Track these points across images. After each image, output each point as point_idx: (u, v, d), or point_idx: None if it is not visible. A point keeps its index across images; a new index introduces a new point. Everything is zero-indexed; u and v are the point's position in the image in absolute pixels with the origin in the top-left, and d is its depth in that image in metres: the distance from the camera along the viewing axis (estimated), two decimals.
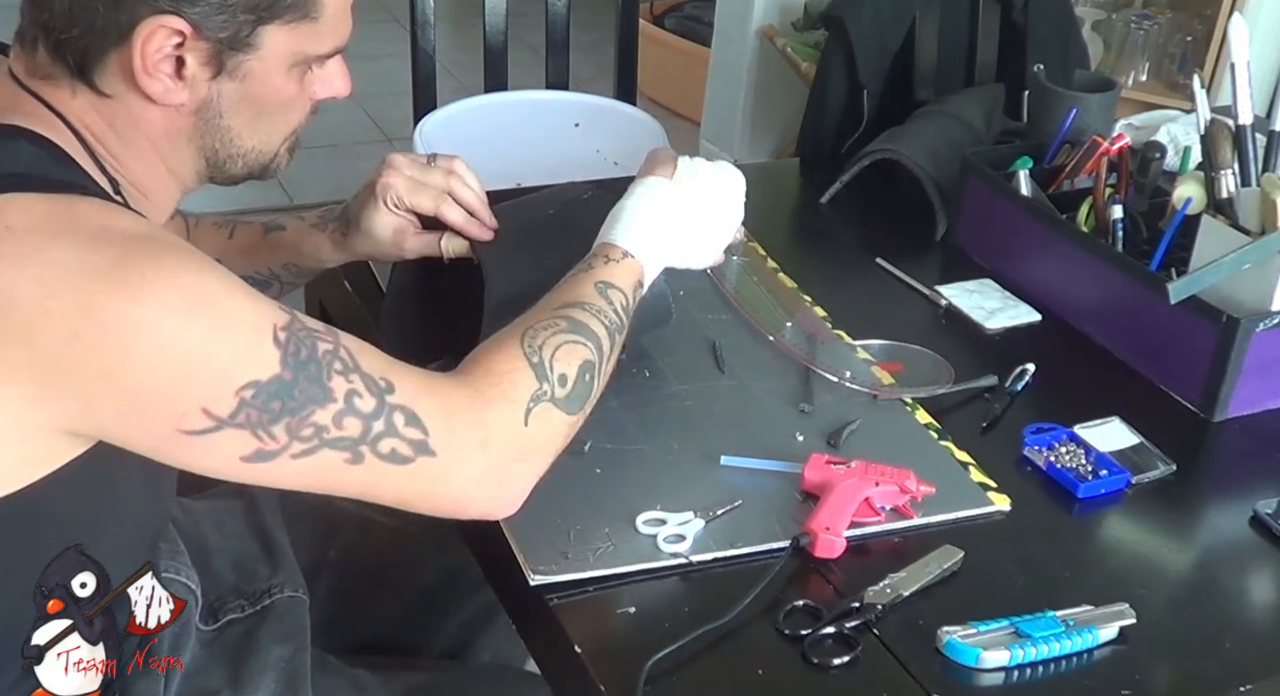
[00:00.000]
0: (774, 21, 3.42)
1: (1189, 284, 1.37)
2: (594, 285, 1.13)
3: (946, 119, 1.87)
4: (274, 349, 0.93)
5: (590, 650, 1.05)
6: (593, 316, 1.10)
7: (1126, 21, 3.33)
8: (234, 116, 1.04)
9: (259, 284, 1.33)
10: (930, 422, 1.35)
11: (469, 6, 2.45)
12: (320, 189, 3.58)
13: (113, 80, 0.99)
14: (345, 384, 0.95)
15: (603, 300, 1.12)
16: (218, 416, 0.91)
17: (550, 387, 1.04)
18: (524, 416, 1.02)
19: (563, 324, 1.08)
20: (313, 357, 0.94)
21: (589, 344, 1.08)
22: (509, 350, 1.05)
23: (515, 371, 1.03)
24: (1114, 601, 1.12)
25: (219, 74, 1.01)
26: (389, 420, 0.96)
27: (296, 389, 0.93)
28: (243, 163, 1.08)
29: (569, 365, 1.06)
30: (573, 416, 1.06)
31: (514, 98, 2.30)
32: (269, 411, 0.92)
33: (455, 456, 1.00)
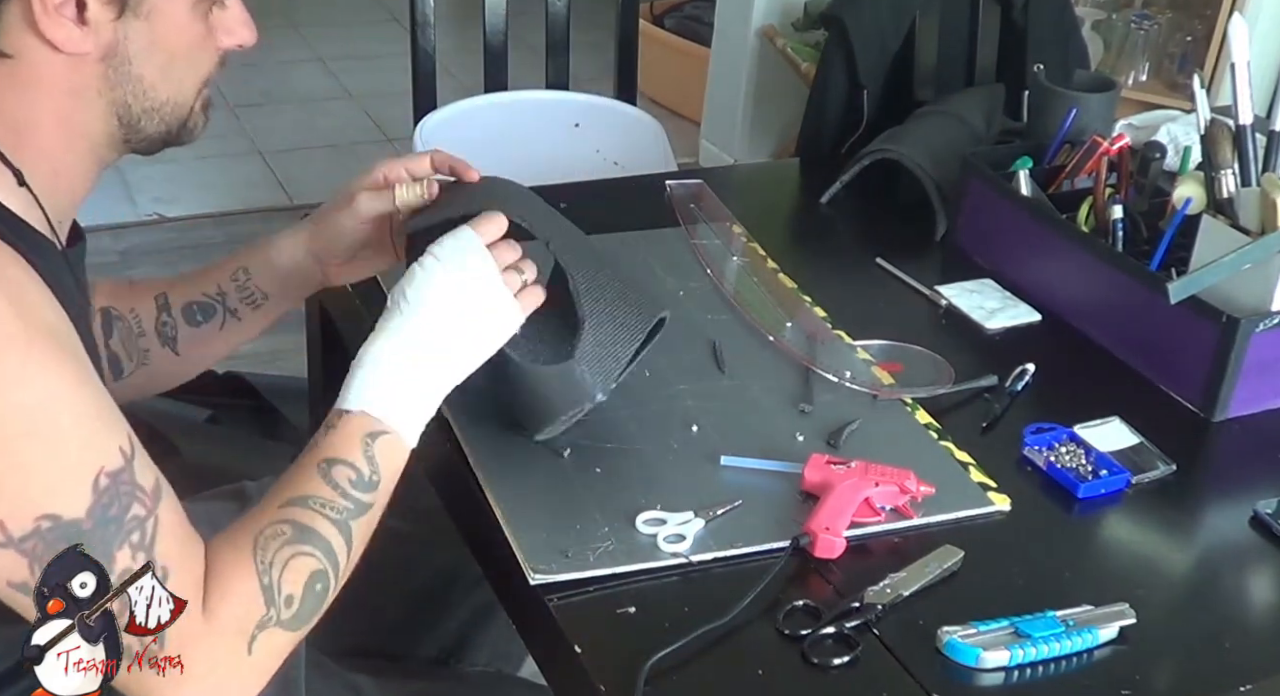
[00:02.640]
0: (774, 21, 3.42)
1: (1189, 284, 1.37)
2: (316, 469, 1.04)
3: (946, 119, 1.87)
4: (89, 493, 0.91)
5: (590, 650, 1.05)
6: (318, 514, 1.03)
7: (1126, 21, 3.33)
8: (144, 63, 1.00)
9: (204, 308, 1.29)
10: (930, 422, 1.35)
11: (469, 6, 2.45)
12: (320, 189, 3.58)
13: (12, 35, 0.95)
14: (129, 561, 0.93)
15: (327, 487, 1.04)
16: (9, 534, 0.90)
17: (276, 612, 1.00)
18: (248, 646, 0.98)
19: (288, 532, 1.01)
20: (119, 519, 0.93)
21: (316, 553, 1.01)
22: (243, 566, 0.99)
23: (247, 596, 0.99)
24: (1114, 601, 1.12)
25: (122, 13, 0.97)
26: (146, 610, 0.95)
27: (85, 541, 0.91)
28: (158, 118, 1.03)
29: (295, 584, 1.00)
30: (297, 632, 1.02)
31: (514, 98, 2.30)
32: (52, 551, 0.90)
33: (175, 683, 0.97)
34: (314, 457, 1.05)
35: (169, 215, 3.38)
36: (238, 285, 1.29)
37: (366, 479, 1.05)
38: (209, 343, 1.30)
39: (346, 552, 1.04)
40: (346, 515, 1.04)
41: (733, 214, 1.71)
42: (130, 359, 1.28)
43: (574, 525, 1.16)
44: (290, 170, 3.65)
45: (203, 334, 1.29)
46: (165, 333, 1.28)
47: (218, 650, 0.98)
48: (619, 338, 1.21)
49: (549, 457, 1.24)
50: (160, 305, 1.29)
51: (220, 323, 1.30)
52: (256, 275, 1.30)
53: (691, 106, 3.82)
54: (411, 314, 1.10)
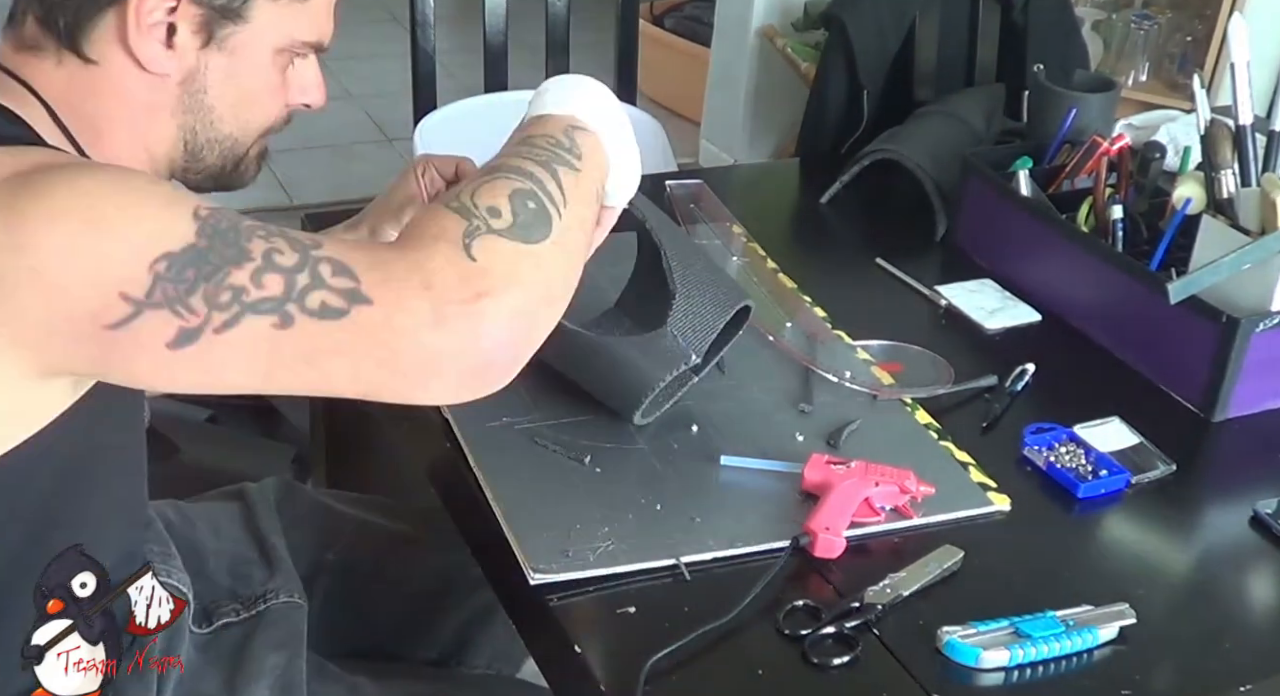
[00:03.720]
0: (774, 21, 3.42)
1: (1189, 284, 1.37)
2: (510, 145, 1.02)
3: (946, 119, 1.87)
4: (191, 221, 0.87)
5: (590, 650, 1.05)
6: (509, 158, 0.99)
7: (1126, 21, 3.33)
8: (218, 95, 1.03)
9: None
10: (930, 422, 1.35)
11: (469, 6, 2.45)
12: (320, 189, 3.59)
13: (101, 45, 0.99)
14: (264, 244, 0.88)
15: (522, 146, 1.00)
16: (134, 299, 0.85)
17: (482, 221, 0.91)
18: (463, 251, 0.89)
19: (479, 177, 0.97)
20: (233, 227, 0.88)
21: (512, 177, 0.96)
22: (430, 212, 0.95)
23: (438, 220, 0.92)
24: (1114, 601, 1.12)
25: (208, 43, 1.01)
26: (314, 271, 0.87)
27: (212, 253, 0.86)
28: (219, 150, 1.07)
29: (495, 197, 0.94)
30: (532, 245, 0.93)
31: (514, 98, 2.30)
32: (184, 282, 0.85)
33: (395, 300, 0.87)
34: (506, 145, 1.02)
35: None
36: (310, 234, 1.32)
37: (567, 146, 1.00)
38: None
39: (558, 188, 0.97)
40: (545, 158, 0.98)
41: (733, 214, 1.71)
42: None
43: (574, 525, 1.16)
44: (290, 170, 3.65)
45: None
46: None
47: (425, 259, 0.89)
48: (710, 309, 1.25)
49: (549, 457, 1.24)
50: None
51: None
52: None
53: (691, 106, 3.82)
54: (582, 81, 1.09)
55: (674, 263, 1.25)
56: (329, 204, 3.27)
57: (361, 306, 0.86)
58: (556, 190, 0.96)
